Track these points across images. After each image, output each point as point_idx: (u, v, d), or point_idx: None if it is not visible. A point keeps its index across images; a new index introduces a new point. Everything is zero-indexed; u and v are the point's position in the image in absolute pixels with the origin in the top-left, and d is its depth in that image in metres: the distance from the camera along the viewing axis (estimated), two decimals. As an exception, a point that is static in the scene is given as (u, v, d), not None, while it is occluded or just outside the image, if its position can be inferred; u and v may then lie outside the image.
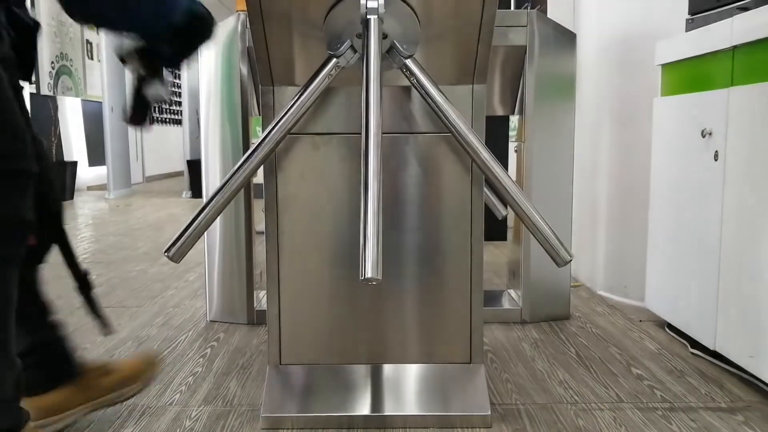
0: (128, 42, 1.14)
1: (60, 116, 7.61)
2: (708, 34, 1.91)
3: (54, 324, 1.45)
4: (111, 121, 7.25)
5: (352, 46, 1.43)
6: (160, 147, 10.80)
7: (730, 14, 1.83)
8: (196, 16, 1.16)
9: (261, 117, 1.64)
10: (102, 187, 7.55)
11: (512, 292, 2.59)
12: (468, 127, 1.45)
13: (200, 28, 1.17)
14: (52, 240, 1.36)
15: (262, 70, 1.54)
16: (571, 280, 2.48)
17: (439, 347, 1.64)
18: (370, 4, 1.36)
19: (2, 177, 1.05)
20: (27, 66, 1.22)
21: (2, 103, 1.04)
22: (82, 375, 1.49)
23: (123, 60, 1.16)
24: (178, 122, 11.36)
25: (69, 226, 1.40)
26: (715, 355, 1.93)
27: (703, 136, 1.92)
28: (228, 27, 2.29)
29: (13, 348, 1.18)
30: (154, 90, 1.19)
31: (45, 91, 7.17)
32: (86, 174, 8.23)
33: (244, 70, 2.30)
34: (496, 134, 3.82)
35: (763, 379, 1.69)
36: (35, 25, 1.22)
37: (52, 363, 1.45)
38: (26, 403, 1.38)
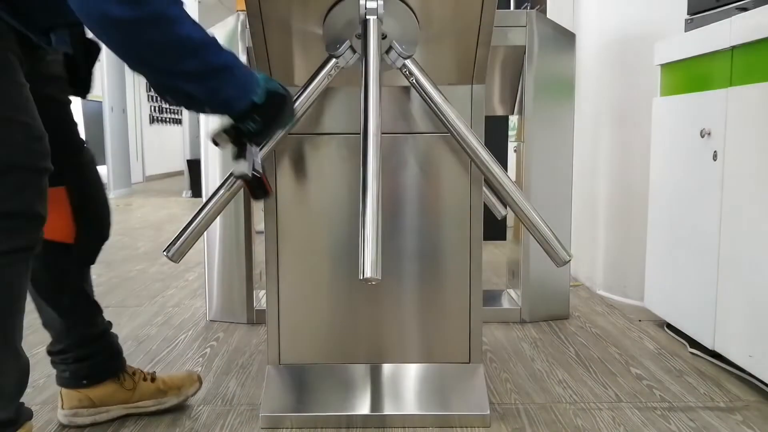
0: (218, 124, 1.25)
1: (60, 116, 7.59)
2: (707, 35, 1.91)
3: (102, 322, 1.54)
4: (111, 121, 7.25)
5: (351, 47, 1.43)
6: (160, 146, 10.81)
7: (728, 15, 1.84)
8: (273, 93, 1.24)
9: (260, 117, 1.63)
10: (102, 187, 7.54)
11: (512, 291, 2.59)
12: (467, 127, 1.45)
13: (280, 104, 1.25)
14: (97, 243, 1.47)
15: (262, 70, 1.54)
16: (570, 280, 2.48)
17: (438, 347, 1.64)
18: (369, 5, 1.37)
19: (19, 172, 1.12)
20: (79, 83, 1.35)
21: (25, 108, 1.13)
22: (125, 373, 1.58)
23: (215, 142, 1.25)
24: (178, 122, 11.37)
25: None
26: (714, 354, 1.93)
27: (702, 136, 1.92)
28: (227, 27, 2.29)
29: (19, 340, 1.20)
30: (241, 166, 1.28)
31: (45, 90, 7.15)
32: (86, 174, 8.21)
33: (244, 70, 2.30)
34: (496, 134, 3.82)
35: (762, 378, 1.70)
36: (83, 49, 1.31)
37: (96, 358, 1.53)
38: (69, 393, 1.54)
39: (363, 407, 1.57)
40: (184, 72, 1.09)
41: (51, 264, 1.41)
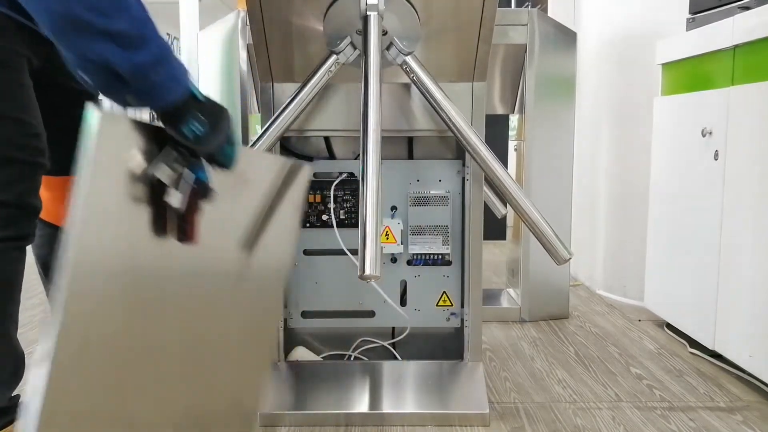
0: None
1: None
2: (709, 34, 1.91)
3: None
4: (111, 118, 7.22)
5: (351, 43, 1.42)
6: (160, 145, 10.78)
7: (730, 13, 1.83)
8: (210, 98, 1.14)
9: (260, 114, 1.63)
10: (101, 185, 7.54)
11: (511, 290, 2.59)
12: (468, 125, 1.45)
13: (221, 112, 1.12)
14: None
15: (262, 67, 1.53)
16: (570, 280, 2.48)
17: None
18: (370, 1, 1.36)
19: (14, 165, 1.16)
20: None
21: (24, 106, 1.17)
22: None
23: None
24: (178, 120, 11.35)
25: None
26: (714, 354, 1.93)
27: (704, 136, 1.91)
28: (228, 24, 2.29)
29: (14, 330, 1.21)
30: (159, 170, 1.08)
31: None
32: (86, 171, 8.21)
33: (244, 67, 2.30)
34: (496, 133, 3.81)
35: (762, 378, 1.69)
36: None
37: None
38: None
39: (362, 405, 1.56)
40: (114, 32, 0.92)
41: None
